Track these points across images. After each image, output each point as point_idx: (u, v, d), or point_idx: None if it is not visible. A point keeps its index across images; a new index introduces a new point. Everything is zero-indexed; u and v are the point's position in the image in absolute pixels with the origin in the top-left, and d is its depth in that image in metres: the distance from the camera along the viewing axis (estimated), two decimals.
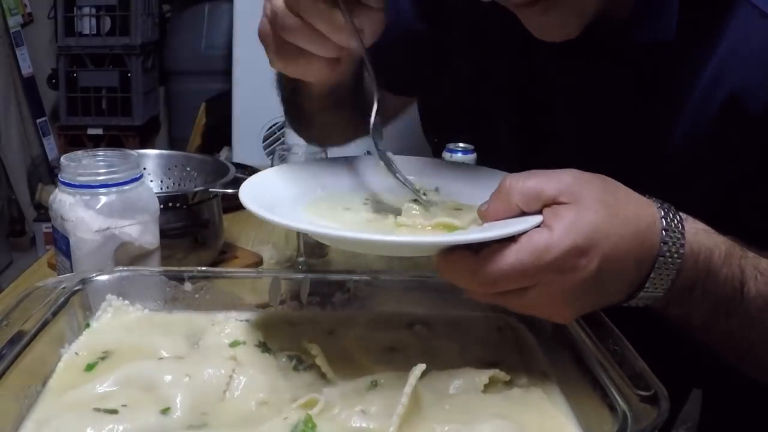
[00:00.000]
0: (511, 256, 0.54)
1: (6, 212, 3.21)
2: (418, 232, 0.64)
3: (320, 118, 0.90)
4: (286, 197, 0.70)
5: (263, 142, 2.20)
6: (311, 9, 0.62)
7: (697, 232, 0.60)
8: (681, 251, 0.58)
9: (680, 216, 0.59)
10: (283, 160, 1.04)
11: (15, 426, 0.56)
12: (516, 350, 0.69)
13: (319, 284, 0.76)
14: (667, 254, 0.57)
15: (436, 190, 0.73)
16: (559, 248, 0.54)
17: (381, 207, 0.70)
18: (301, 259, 1.09)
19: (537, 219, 0.56)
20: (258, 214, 0.61)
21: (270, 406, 0.60)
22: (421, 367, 0.60)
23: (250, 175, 1.43)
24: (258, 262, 1.14)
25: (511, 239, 0.55)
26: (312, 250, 1.16)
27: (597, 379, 0.57)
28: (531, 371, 0.66)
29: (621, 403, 0.53)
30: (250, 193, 0.67)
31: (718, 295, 0.62)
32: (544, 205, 0.56)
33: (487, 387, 0.62)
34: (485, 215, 0.60)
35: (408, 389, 0.56)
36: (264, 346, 0.67)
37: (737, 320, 0.63)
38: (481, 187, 0.65)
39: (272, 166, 1.05)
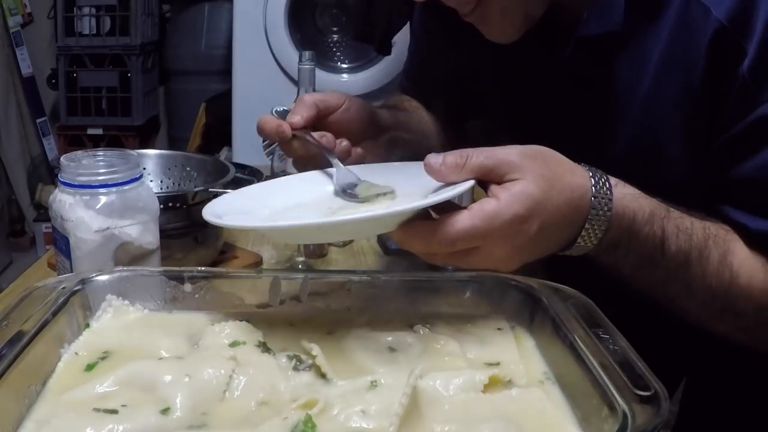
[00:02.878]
0: (465, 220, 0.63)
1: (6, 212, 3.21)
2: (371, 209, 0.71)
3: None
4: (257, 209, 0.76)
5: (263, 142, 2.20)
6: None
7: (624, 197, 0.70)
8: (608, 213, 0.68)
9: (610, 183, 0.69)
10: (282, 160, 1.04)
11: (15, 426, 0.56)
12: (516, 350, 0.69)
13: (319, 284, 0.76)
14: (596, 216, 0.68)
15: (393, 192, 0.75)
16: (505, 215, 0.64)
17: (336, 207, 0.76)
18: (301, 259, 1.09)
19: (471, 182, 0.66)
20: (212, 221, 0.69)
21: (270, 406, 0.60)
22: (421, 367, 0.60)
23: (250, 175, 1.43)
24: (258, 262, 1.14)
25: (462, 207, 0.64)
26: (312, 250, 1.16)
27: (597, 379, 0.57)
28: (531, 371, 0.66)
29: (621, 403, 0.53)
30: (211, 209, 0.73)
31: (641, 252, 0.71)
32: (495, 181, 0.66)
33: (487, 387, 0.62)
34: (435, 167, 0.67)
35: (408, 389, 0.56)
36: (264, 346, 0.67)
37: (661, 273, 0.73)
38: (436, 184, 0.70)
39: (272, 166, 1.05)
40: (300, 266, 1.08)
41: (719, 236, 0.75)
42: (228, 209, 0.74)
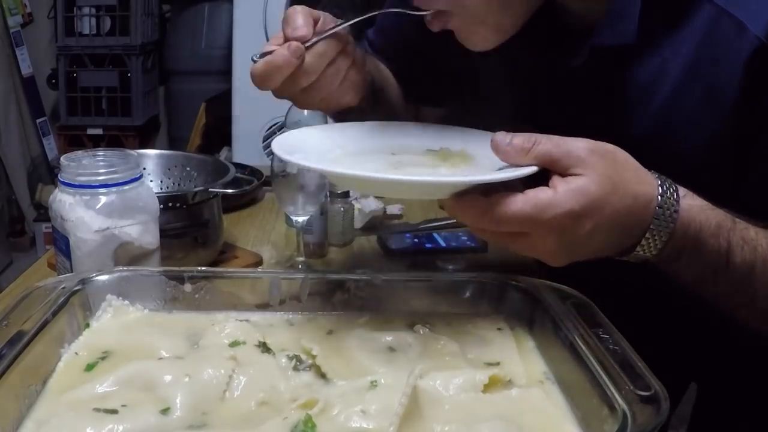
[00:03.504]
0: (517, 204, 0.62)
1: (6, 212, 3.21)
2: (434, 172, 0.71)
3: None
4: (331, 149, 0.77)
5: (263, 142, 2.20)
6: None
7: (690, 208, 0.68)
8: (671, 225, 0.66)
9: (678, 194, 0.67)
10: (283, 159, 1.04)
11: (15, 426, 0.56)
12: (516, 350, 0.69)
13: (319, 284, 0.76)
14: (658, 227, 0.66)
15: (468, 157, 0.76)
16: (558, 209, 0.62)
17: (404, 158, 0.76)
18: (301, 259, 1.09)
19: (534, 168, 0.64)
20: (282, 156, 0.69)
21: (270, 406, 0.60)
22: (420, 367, 0.60)
23: (250, 174, 1.43)
24: (258, 262, 1.14)
25: (519, 191, 0.63)
26: (312, 250, 1.16)
27: (597, 379, 0.57)
28: (531, 371, 0.66)
29: (621, 403, 0.53)
30: (283, 143, 0.73)
31: (705, 263, 0.69)
32: (558, 172, 0.64)
33: (487, 387, 0.62)
34: (501, 146, 0.66)
35: (408, 389, 0.56)
36: (264, 346, 0.67)
37: (724, 285, 0.71)
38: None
39: (272, 166, 1.05)
40: (300, 266, 1.08)
41: None
42: (300, 145, 0.74)
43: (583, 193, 0.62)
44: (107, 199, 0.80)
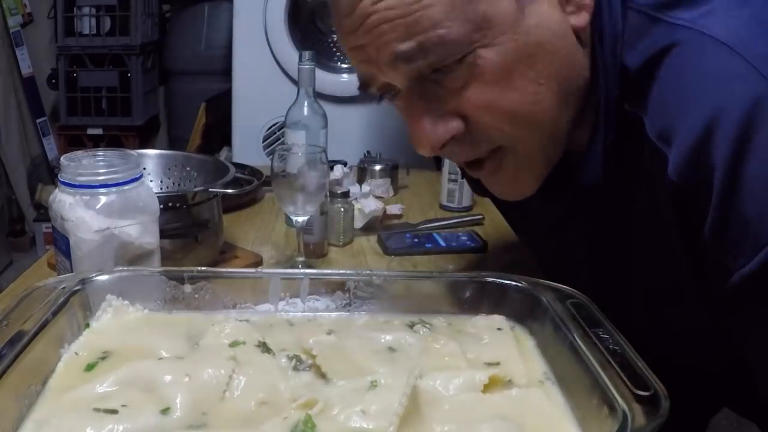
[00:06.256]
0: None
1: (6, 212, 3.21)
2: None
3: None
4: None
5: (263, 142, 2.20)
6: None
7: None
8: None
9: None
10: (283, 159, 1.04)
11: (15, 426, 0.56)
12: (516, 350, 0.69)
13: (319, 284, 0.76)
14: None
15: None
16: None
17: None
18: (301, 259, 1.09)
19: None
20: None
21: (270, 406, 0.60)
22: (420, 367, 0.60)
23: (250, 174, 1.42)
24: (258, 262, 1.14)
25: None
26: (312, 250, 1.16)
27: (597, 379, 0.57)
28: (531, 371, 0.66)
29: (621, 403, 0.53)
30: None
31: None
32: None
33: (487, 387, 0.62)
34: None
35: (408, 389, 0.56)
36: (264, 346, 0.67)
37: None
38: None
39: (272, 166, 1.05)
40: (300, 266, 1.08)
41: None
42: None
43: None
44: (107, 199, 0.80)
